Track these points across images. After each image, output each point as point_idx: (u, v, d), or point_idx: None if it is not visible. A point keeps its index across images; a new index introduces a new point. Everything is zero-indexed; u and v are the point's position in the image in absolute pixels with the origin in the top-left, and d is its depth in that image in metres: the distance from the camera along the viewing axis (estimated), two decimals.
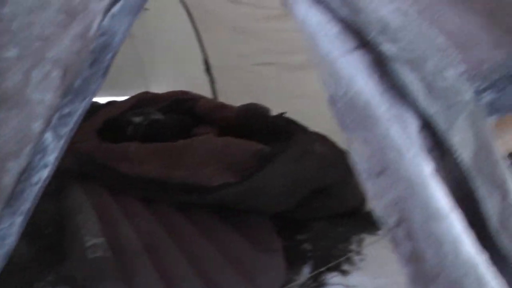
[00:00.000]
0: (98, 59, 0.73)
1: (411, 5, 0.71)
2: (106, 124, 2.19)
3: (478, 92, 0.70)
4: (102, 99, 2.52)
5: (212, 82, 2.75)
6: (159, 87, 2.86)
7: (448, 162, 0.62)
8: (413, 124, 0.61)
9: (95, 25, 0.73)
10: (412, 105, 0.62)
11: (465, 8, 0.71)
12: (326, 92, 0.62)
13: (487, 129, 0.68)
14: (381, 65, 0.63)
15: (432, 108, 0.64)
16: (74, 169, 1.79)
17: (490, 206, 0.62)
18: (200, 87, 2.66)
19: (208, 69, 2.72)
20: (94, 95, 0.75)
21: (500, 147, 0.82)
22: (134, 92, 2.64)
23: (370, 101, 0.60)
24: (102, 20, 0.72)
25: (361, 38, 0.64)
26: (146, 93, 2.66)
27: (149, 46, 2.91)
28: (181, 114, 2.35)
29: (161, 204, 1.68)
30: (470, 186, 0.62)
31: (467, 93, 0.67)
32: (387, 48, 0.65)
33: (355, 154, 0.60)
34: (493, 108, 0.70)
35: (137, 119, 2.19)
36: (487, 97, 0.70)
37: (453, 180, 0.62)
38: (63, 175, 1.59)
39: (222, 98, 2.64)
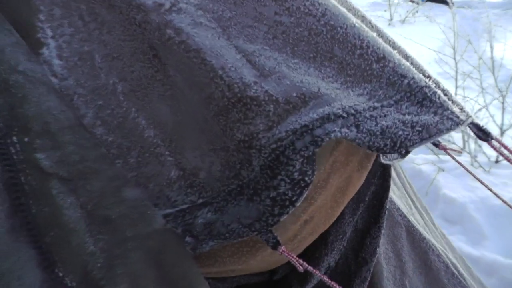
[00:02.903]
0: None
1: (117, 83, 0.54)
2: None
3: (193, 209, 0.53)
4: None
5: None
6: None
7: None
8: (35, 271, 0.44)
9: None
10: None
11: (176, 97, 0.54)
12: None
13: (189, 262, 0.51)
14: (16, 193, 0.45)
15: (93, 246, 0.47)
16: None
17: None
18: None
19: None
20: None
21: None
22: None
23: None
24: None
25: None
26: None
27: None
28: None
29: None
30: None
31: (153, 221, 0.49)
32: (42, 158, 0.47)
33: None
34: (212, 232, 0.53)
35: None
36: (204, 216, 0.53)
37: None
38: None
39: None
